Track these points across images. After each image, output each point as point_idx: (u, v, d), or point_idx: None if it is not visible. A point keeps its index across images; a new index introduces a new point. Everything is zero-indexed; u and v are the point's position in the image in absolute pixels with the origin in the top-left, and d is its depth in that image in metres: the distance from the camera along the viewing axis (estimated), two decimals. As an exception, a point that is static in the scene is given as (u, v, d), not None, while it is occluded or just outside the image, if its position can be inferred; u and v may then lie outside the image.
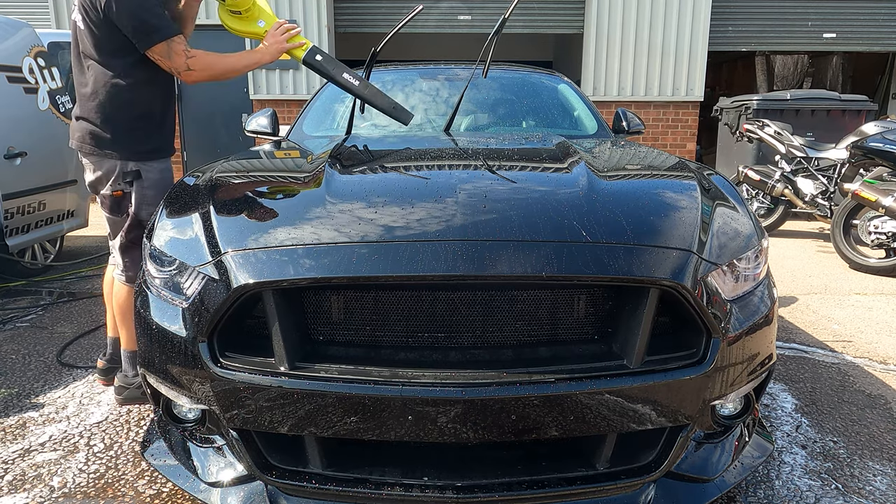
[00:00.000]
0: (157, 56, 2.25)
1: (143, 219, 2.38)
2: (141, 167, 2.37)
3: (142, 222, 2.38)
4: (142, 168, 2.37)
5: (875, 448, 2.24)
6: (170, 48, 2.24)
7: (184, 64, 2.27)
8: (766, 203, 6.45)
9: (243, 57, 2.42)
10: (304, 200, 1.80)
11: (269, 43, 2.43)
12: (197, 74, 2.31)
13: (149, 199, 2.38)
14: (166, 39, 2.22)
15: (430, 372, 1.47)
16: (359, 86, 2.54)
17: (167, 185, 2.40)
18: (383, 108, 2.60)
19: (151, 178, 2.39)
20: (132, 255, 2.43)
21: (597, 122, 3.32)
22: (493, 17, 8.54)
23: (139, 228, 2.38)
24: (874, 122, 5.45)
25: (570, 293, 1.60)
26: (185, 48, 2.27)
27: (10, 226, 4.18)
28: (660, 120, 8.72)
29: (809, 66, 11.73)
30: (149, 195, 2.38)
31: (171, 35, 2.23)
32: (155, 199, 2.35)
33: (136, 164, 2.35)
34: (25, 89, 4.41)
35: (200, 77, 2.33)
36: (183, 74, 2.29)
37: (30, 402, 2.60)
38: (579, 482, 1.55)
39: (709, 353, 1.55)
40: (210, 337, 1.54)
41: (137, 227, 2.39)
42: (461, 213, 1.62)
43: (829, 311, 3.93)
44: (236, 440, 1.59)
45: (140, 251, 2.25)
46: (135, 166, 2.35)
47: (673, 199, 1.81)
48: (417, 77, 3.51)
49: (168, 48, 2.24)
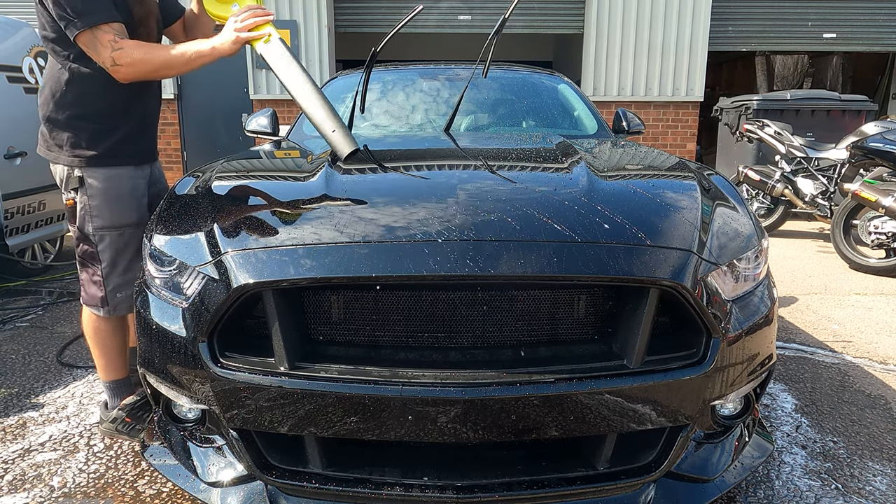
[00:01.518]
0: (84, 47, 1.89)
1: (88, 233, 2.08)
2: (85, 173, 2.05)
3: (88, 237, 2.08)
4: (85, 174, 2.05)
5: (875, 448, 2.24)
6: (95, 38, 1.84)
7: (108, 58, 1.88)
8: (766, 203, 6.44)
9: (187, 48, 1.95)
10: (303, 200, 1.80)
11: (226, 32, 1.97)
12: (125, 70, 1.90)
13: (94, 211, 2.06)
14: (91, 27, 1.83)
15: (430, 372, 1.47)
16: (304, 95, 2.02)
17: (120, 196, 2.09)
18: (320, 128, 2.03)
19: (95, 186, 2.05)
20: (84, 275, 2.14)
21: (597, 123, 3.32)
22: (493, 17, 8.53)
23: (86, 243, 2.09)
24: (874, 123, 5.45)
25: (570, 293, 1.60)
26: (113, 39, 1.87)
27: (10, 226, 4.18)
28: (660, 120, 8.72)
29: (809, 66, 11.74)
30: (94, 206, 2.06)
31: (98, 22, 1.83)
32: (102, 212, 2.06)
33: (80, 169, 2.04)
34: (25, 89, 4.41)
35: (130, 74, 1.92)
36: (110, 70, 1.91)
37: (30, 402, 2.60)
38: (579, 482, 1.55)
39: (709, 353, 1.55)
40: (210, 337, 1.54)
41: (84, 241, 2.10)
42: (461, 213, 1.61)
43: (829, 312, 3.93)
44: (236, 440, 1.59)
45: (90, 272, 2.11)
46: (79, 172, 2.05)
47: (673, 199, 1.81)
48: (417, 77, 3.51)
49: (93, 37, 1.84)
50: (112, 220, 2.09)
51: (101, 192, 2.06)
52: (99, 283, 2.12)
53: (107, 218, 2.08)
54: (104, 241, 2.09)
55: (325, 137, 2.03)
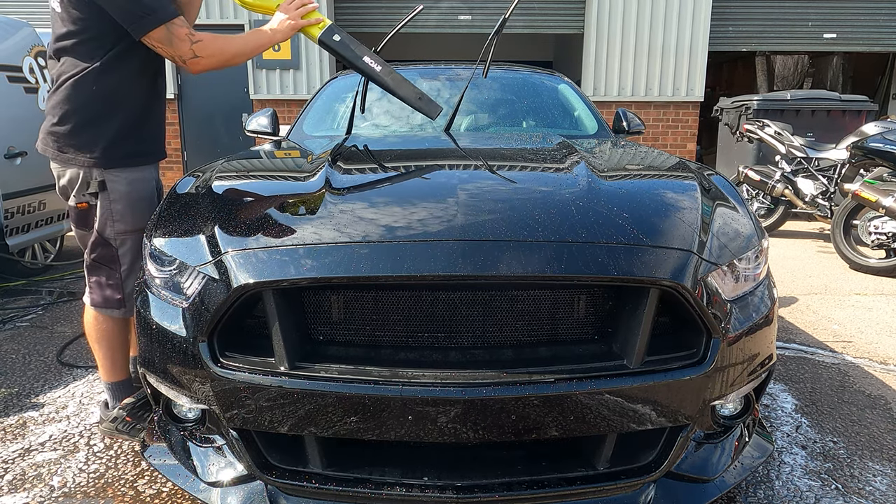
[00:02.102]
0: (155, 43, 1.94)
1: (109, 237, 2.06)
2: (107, 176, 2.01)
3: (108, 241, 2.06)
4: (107, 177, 2.01)
5: (875, 448, 2.24)
6: (170, 33, 1.92)
7: (189, 51, 1.95)
8: (766, 203, 6.45)
9: (252, 37, 2.09)
10: (304, 200, 1.80)
11: (279, 19, 2.11)
12: (205, 62, 1.99)
13: (116, 215, 2.04)
14: (165, 23, 1.91)
15: (430, 372, 1.47)
16: (381, 72, 2.23)
17: (142, 199, 2.09)
18: (407, 99, 2.30)
19: (119, 190, 2.03)
20: (98, 277, 2.11)
21: (597, 123, 3.32)
22: (493, 17, 8.54)
23: (105, 247, 2.07)
24: (874, 123, 5.45)
25: (571, 293, 1.60)
26: (189, 32, 1.96)
27: (10, 225, 4.18)
28: (660, 120, 8.73)
29: (809, 66, 11.74)
30: (116, 210, 2.04)
31: (170, 17, 1.92)
32: (125, 216, 2.05)
33: (101, 171, 2.00)
34: (26, 89, 4.41)
35: (209, 65, 2.00)
36: (189, 63, 1.97)
37: (30, 402, 2.60)
38: (579, 482, 1.55)
39: (709, 353, 1.55)
40: (210, 337, 1.54)
41: (103, 245, 2.07)
42: (461, 213, 1.61)
43: (829, 312, 3.93)
44: (236, 440, 1.59)
45: (106, 274, 2.09)
46: (100, 175, 2.00)
47: (673, 199, 1.81)
48: (418, 77, 3.50)
49: (168, 33, 1.92)
50: (135, 224, 2.07)
51: (125, 195, 2.05)
52: (116, 285, 2.10)
53: (129, 222, 2.06)
54: (125, 244, 2.07)
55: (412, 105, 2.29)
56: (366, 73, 2.26)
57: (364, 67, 2.24)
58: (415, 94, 2.29)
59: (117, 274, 2.09)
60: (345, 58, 2.21)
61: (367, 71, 2.24)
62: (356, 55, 2.21)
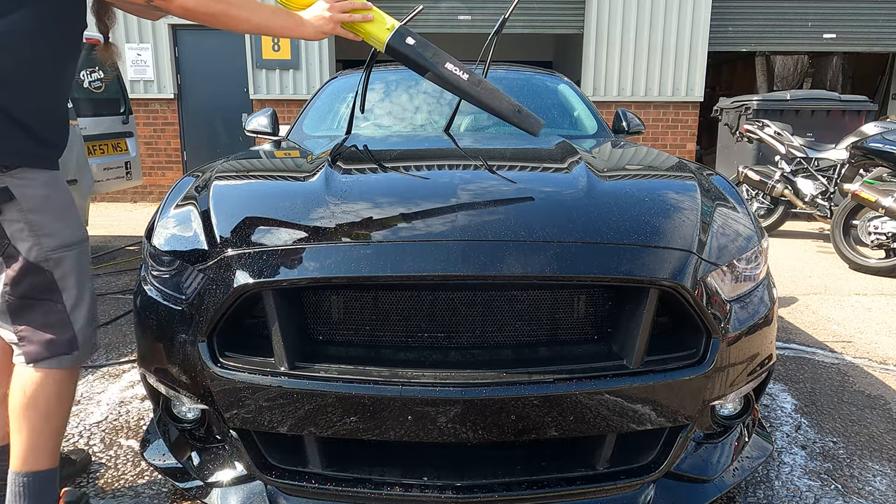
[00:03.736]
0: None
1: (36, 260, 1.50)
2: (10, 182, 1.45)
3: (37, 266, 1.51)
4: (11, 183, 1.45)
5: (875, 448, 2.24)
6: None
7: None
8: (766, 203, 6.45)
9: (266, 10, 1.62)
10: (303, 200, 1.80)
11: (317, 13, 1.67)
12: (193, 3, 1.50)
13: (39, 230, 1.50)
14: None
15: (429, 372, 1.47)
16: (468, 81, 1.83)
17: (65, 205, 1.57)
18: (503, 114, 1.88)
19: (33, 195, 1.48)
20: (29, 321, 1.55)
21: (597, 123, 3.32)
22: (493, 17, 8.54)
23: (34, 275, 1.51)
24: (874, 123, 5.46)
25: (570, 293, 1.60)
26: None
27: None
28: (660, 120, 8.73)
29: (809, 66, 11.74)
30: (35, 223, 1.49)
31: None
32: (52, 227, 1.52)
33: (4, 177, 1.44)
34: None
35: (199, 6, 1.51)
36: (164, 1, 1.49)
37: (29, 402, 2.59)
38: (579, 482, 1.55)
39: (708, 353, 1.55)
40: (210, 337, 1.54)
41: (30, 273, 1.51)
42: (461, 213, 1.62)
43: (828, 312, 3.93)
44: (236, 440, 1.59)
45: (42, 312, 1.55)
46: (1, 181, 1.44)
47: (673, 199, 1.81)
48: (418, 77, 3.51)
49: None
50: (66, 237, 1.56)
51: (43, 201, 1.50)
52: (62, 321, 1.57)
53: (59, 235, 1.54)
54: (62, 264, 1.55)
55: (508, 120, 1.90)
56: (449, 83, 1.84)
57: (447, 76, 1.82)
58: (512, 108, 1.88)
59: (59, 306, 1.56)
60: (420, 66, 1.83)
61: (451, 80, 1.83)
62: (435, 63, 1.81)
